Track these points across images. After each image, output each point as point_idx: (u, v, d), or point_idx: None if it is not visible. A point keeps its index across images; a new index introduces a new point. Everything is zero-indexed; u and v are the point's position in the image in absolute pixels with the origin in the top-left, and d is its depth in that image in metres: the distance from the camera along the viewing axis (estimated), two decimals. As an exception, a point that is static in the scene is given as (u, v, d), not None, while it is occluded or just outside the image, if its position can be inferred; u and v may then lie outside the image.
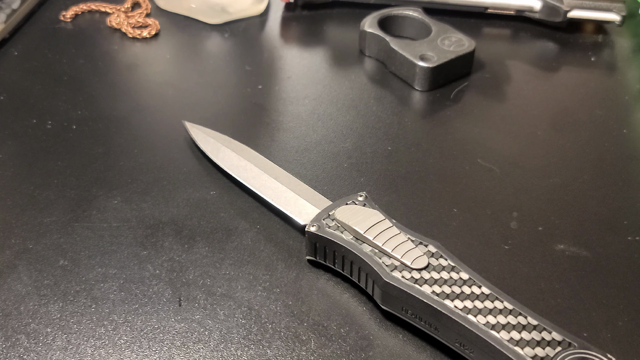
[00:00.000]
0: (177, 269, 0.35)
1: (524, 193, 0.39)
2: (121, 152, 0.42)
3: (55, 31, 0.53)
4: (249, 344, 0.31)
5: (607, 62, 0.51)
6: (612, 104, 0.46)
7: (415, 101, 0.47)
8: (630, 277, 0.34)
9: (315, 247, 0.34)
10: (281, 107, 0.46)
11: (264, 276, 0.34)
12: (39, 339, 0.31)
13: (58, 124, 0.44)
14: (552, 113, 0.45)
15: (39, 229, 0.37)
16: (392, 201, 0.39)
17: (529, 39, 0.53)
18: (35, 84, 0.47)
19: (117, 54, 0.51)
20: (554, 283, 0.34)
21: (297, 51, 0.52)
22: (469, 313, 0.29)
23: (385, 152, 0.42)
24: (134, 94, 0.47)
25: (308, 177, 0.40)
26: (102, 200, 0.38)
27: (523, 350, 0.27)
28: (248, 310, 0.33)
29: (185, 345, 0.31)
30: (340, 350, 0.31)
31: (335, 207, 0.34)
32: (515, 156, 0.42)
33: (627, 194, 0.39)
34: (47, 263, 0.35)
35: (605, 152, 0.42)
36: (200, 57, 0.51)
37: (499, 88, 0.48)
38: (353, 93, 0.47)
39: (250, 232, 0.37)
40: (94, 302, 0.33)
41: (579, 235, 0.37)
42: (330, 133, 0.43)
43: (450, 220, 0.37)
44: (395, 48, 0.47)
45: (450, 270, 0.31)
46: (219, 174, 0.40)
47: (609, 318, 0.32)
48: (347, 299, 0.33)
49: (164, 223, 0.37)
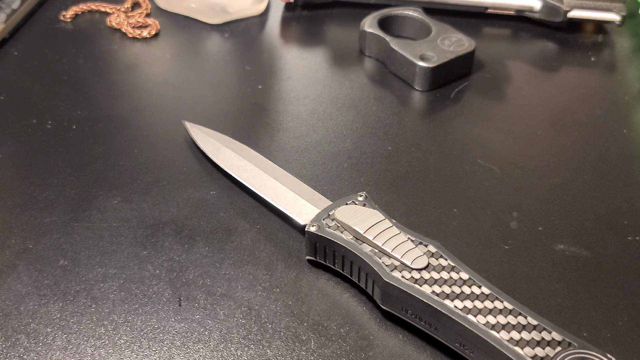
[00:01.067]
0: (177, 269, 0.35)
1: (524, 193, 0.39)
2: (121, 152, 0.42)
3: (55, 31, 0.53)
4: (249, 344, 0.31)
5: (607, 62, 0.51)
6: (612, 104, 0.46)
7: (415, 101, 0.47)
8: (630, 277, 0.34)
9: (315, 247, 0.34)
10: (281, 107, 0.46)
11: (264, 276, 0.34)
12: (39, 339, 0.31)
13: (58, 124, 0.44)
14: (552, 113, 0.45)
15: (39, 229, 0.37)
16: (392, 201, 0.39)
17: (529, 39, 0.53)
18: (35, 84, 0.47)
19: (117, 54, 0.51)
20: (554, 283, 0.34)
21: (297, 51, 0.52)
22: (469, 313, 0.29)
23: (385, 152, 0.42)
24: (134, 94, 0.47)
25: (308, 177, 0.40)
26: (102, 200, 0.38)
27: (523, 350, 0.27)
28: (248, 310, 0.33)
29: (185, 345, 0.31)
30: (340, 350, 0.31)
31: (335, 207, 0.34)
32: (515, 156, 0.42)
33: (627, 194, 0.39)
34: (47, 263, 0.35)
35: (605, 152, 0.42)
36: (200, 57, 0.51)
37: (499, 88, 0.48)
38: (353, 93, 0.47)
39: (250, 232, 0.37)
40: (94, 302, 0.33)
41: (579, 235, 0.37)
42: (330, 133, 0.43)
43: (450, 220, 0.37)
44: (395, 48, 0.47)
45: (450, 270, 0.31)
46: (219, 174, 0.40)
47: (609, 318, 0.32)
48: (347, 299, 0.33)
49: (164, 223, 0.37)
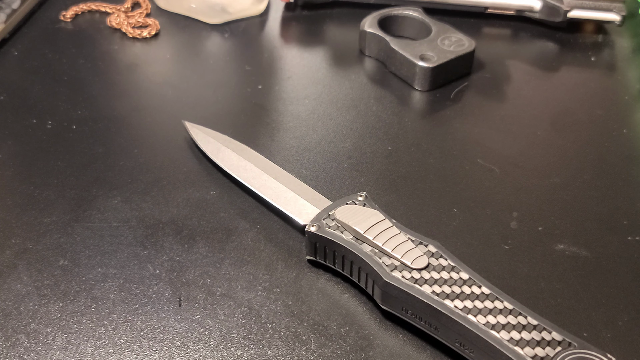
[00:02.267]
0: (177, 269, 0.35)
1: (524, 193, 0.39)
2: (121, 152, 0.42)
3: (55, 31, 0.53)
4: (249, 344, 0.31)
5: (607, 62, 0.51)
6: (612, 104, 0.46)
7: (415, 101, 0.46)
8: (630, 277, 0.34)
9: (315, 247, 0.34)
10: (281, 107, 0.46)
11: (264, 276, 0.34)
12: (39, 339, 0.31)
13: (58, 124, 0.44)
14: (552, 113, 0.45)
15: (39, 229, 0.37)
16: (392, 201, 0.39)
17: (529, 39, 0.53)
18: (35, 84, 0.47)
19: (117, 54, 0.51)
20: (554, 283, 0.34)
21: (297, 51, 0.52)
22: (469, 313, 0.29)
23: (385, 152, 0.42)
24: (134, 94, 0.47)
25: (308, 177, 0.40)
26: (102, 200, 0.38)
27: (523, 350, 0.27)
28: (248, 310, 0.33)
29: (185, 345, 0.31)
30: (340, 350, 0.31)
31: (335, 207, 0.34)
32: (515, 156, 0.42)
33: (627, 194, 0.39)
34: (47, 263, 0.35)
35: (605, 152, 0.42)
36: (200, 57, 0.51)
37: (499, 88, 0.48)
38: (353, 93, 0.47)
39: (250, 232, 0.37)
40: (94, 302, 0.33)
41: (579, 235, 0.37)
42: (330, 133, 0.43)
43: (450, 220, 0.37)
44: (395, 48, 0.47)
45: (450, 270, 0.31)
46: (219, 174, 0.40)
47: (609, 318, 0.32)
48: (347, 299, 0.33)
49: (164, 223, 0.37)
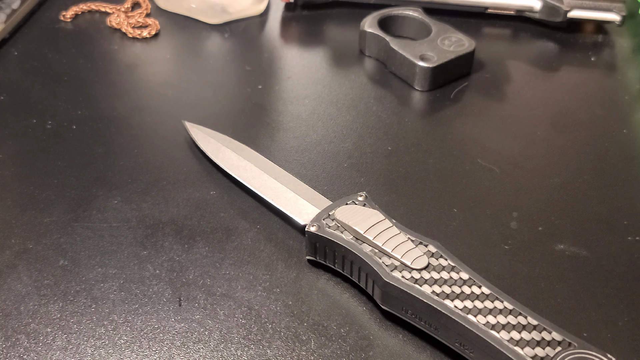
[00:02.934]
0: (177, 269, 0.35)
1: (524, 193, 0.39)
2: (121, 152, 0.42)
3: (55, 31, 0.53)
4: (249, 344, 0.31)
5: (607, 62, 0.51)
6: (612, 104, 0.46)
7: (415, 101, 0.46)
8: (630, 277, 0.34)
9: (315, 247, 0.34)
10: (281, 107, 0.46)
11: (264, 276, 0.34)
12: (39, 339, 0.31)
13: (58, 124, 0.44)
14: (552, 113, 0.45)
15: (39, 229, 0.37)
16: (392, 201, 0.39)
17: (529, 39, 0.53)
18: (35, 84, 0.47)
19: (117, 54, 0.51)
20: (554, 283, 0.34)
21: (297, 51, 0.52)
22: (469, 313, 0.29)
23: (385, 152, 0.42)
24: (134, 94, 0.47)
25: (308, 177, 0.40)
26: (102, 200, 0.38)
27: (523, 350, 0.27)
28: (248, 310, 0.33)
29: (185, 345, 0.31)
30: (340, 350, 0.31)
31: (335, 207, 0.34)
32: (515, 156, 0.42)
33: (627, 194, 0.39)
34: (47, 263, 0.35)
35: (605, 152, 0.42)
36: (200, 57, 0.51)
37: (499, 88, 0.48)
38: (353, 93, 0.47)
39: (250, 232, 0.37)
40: (94, 302, 0.33)
41: (579, 235, 0.37)
42: (330, 133, 0.43)
43: (450, 220, 0.37)
44: (395, 48, 0.47)
45: (450, 270, 0.31)
46: (219, 174, 0.40)
47: (609, 318, 0.32)
48: (347, 299, 0.33)
49: (164, 223, 0.37)
